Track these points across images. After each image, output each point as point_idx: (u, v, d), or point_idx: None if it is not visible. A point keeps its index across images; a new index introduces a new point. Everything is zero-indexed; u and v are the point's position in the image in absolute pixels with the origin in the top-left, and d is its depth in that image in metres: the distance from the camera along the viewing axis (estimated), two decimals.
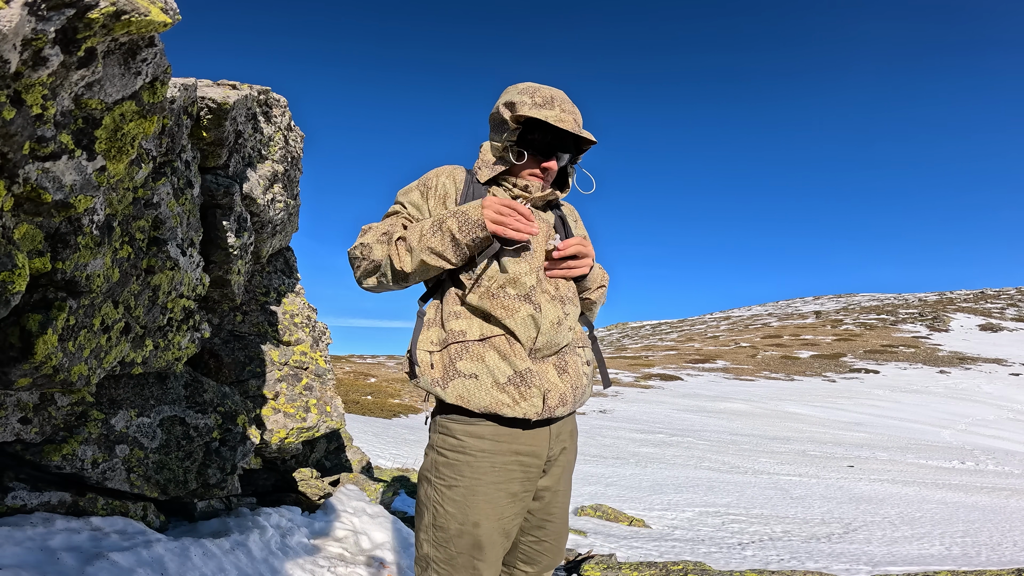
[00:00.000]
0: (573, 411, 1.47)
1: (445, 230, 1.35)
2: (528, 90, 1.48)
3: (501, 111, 1.51)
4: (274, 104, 2.85)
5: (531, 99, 1.45)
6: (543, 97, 1.46)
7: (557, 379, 1.39)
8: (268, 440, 2.83)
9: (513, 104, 1.47)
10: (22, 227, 1.15)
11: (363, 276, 1.46)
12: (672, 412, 15.71)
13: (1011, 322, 47.50)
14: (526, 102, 1.45)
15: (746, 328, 54.36)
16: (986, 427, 15.96)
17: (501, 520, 1.31)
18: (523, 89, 1.49)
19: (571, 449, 1.51)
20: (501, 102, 1.51)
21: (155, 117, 1.33)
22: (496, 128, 1.54)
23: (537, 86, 1.49)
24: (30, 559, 1.53)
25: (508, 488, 1.32)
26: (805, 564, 3.81)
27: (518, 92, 1.48)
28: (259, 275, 3.18)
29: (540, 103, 1.45)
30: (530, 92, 1.47)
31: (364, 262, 1.44)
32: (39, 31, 0.90)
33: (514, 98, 1.47)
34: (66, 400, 1.72)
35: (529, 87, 1.49)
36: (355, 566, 2.60)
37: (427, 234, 1.37)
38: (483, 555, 1.29)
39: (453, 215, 1.36)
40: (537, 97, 1.46)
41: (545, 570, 1.52)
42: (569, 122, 1.44)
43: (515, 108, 1.46)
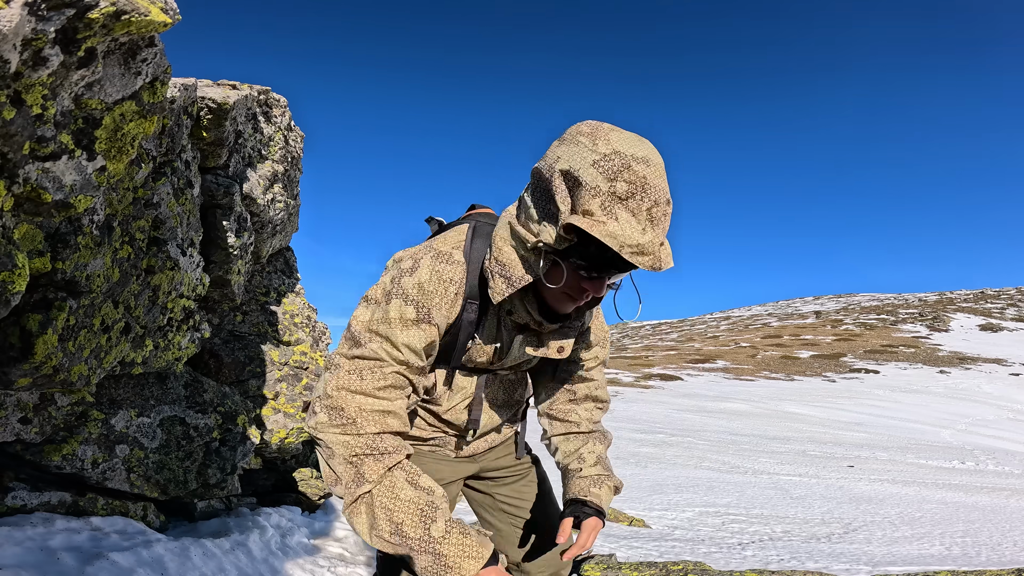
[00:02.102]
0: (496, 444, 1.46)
1: (416, 557, 0.99)
2: (612, 165, 0.95)
3: (555, 185, 1.00)
4: (274, 104, 2.85)
5: (609, 186, 0.95)
6: (630, 185, 0.95)
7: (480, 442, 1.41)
8: (268, 440, 2.83)
9: (579, 185, 0.97)
10: (22, 227, 1.15)
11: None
12: (672, 412, 15.71)
13: (1011, 322, 47.50)
14: (600, 190, 0.95)
15: (746, 328, 54.37)
16: (986, 427, 15.96)
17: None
18: (605, 159, 0.96)
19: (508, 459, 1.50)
20: (561, 164, 0.99)
21: (155, 117, 1.33)
22: (539, 201, 1.04)
23: (628, 155, 0.96)
24: (30, 559, 1.53)
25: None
26: (805, 564, 3.81)
27: (594, 162, 0.96)
28: (259, 275, 3.18)
29: (622, 195, 0.95)
30: (613, 171, 0.95)
31: (320, 452, 1.09)
32: (39, 31, 0.90)
33: (584, 173, 0.96)
34: (66, 400, 1.72)
35: (616, 157, 0.95)
36: (355, 566, 2.60)
37: (391, 535, 0.99)
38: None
39: (434, 556, 0.98)
40: (621, 184, 0.95)
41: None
42: (655, 252, 0.97)
43: (578, 195, 0.97)
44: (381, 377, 1.05)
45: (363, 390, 1.04)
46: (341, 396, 1.04)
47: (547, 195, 1.02)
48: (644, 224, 0.96)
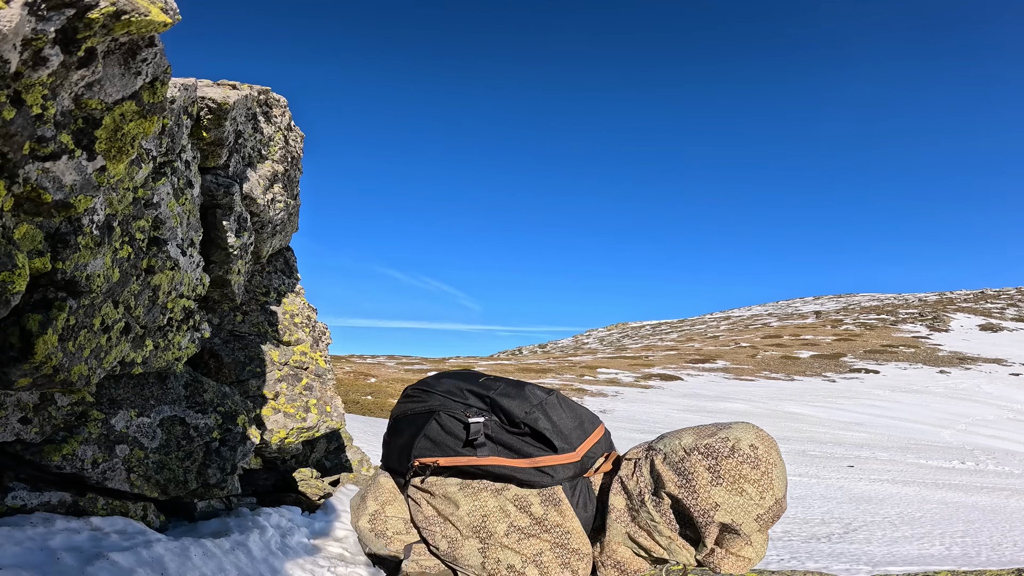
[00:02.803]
0: None
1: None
2: (773, 514, 1.05)
3: (708, 531, 1.06)
4: (274, 104, 2.85)
5: (758, 524, 1.03)
6: (774, 518, 1.08)
7: None
8: (268, 440, 2.83)
9: (737, 533, 1.04)
10: (22, 227, 1.15)
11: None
12: (672, 412, 15.71)
13: (1011, 322, 47.50)
14: (750, 535, 1.04)
15: (746, 328, 54.36)
16: (986, 427, 15.96)
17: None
18: (770, 511, 1.05)
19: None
20: (721, 516, 1.04)
21: (155, 117, 1.33)
22: (678, 522, 1.08)
23: (782, 494, 1.06)
24: (30, 559, 1.53)
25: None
26: (805, 564, 3.81)
27: (758, 516, 1.03)
28: (259, 275, 3.18)
29: (765, 524, 1.06)
30: (770, 517, 1.04)
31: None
32: (39, 31, 0.90)
33: (745, 526, 1.03)
34: (66, 400, 1.72)
35: (777, 507, 1.06)
36: (355, 566, 2.60)
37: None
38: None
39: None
40: (768, 519, 1.07)
41: None
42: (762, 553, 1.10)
43: (728, 539, 1.05)
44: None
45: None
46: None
47: (692, 526, 1.06)
48: (766, 533, 1.05)
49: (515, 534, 1.15)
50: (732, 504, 1.01)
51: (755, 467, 1.01)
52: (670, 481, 1.04)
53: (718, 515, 1.01)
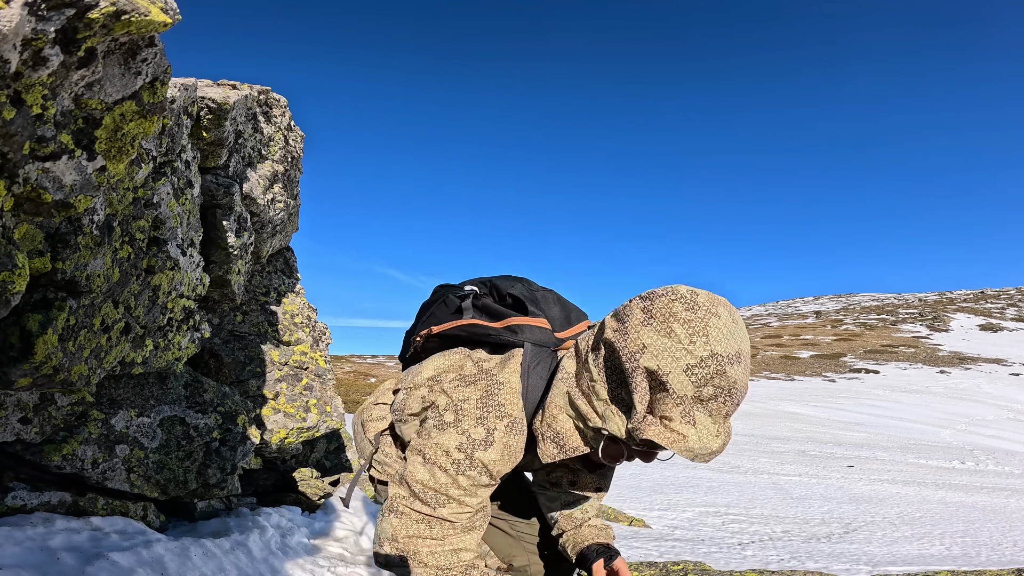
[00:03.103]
0: None
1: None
2: (706, 372, 0.88)
3: (635, 380, 0.93)
4: (274, 104, 2.85)
5: (695, 391, 0.88)
6: (716, 389, 0.89)
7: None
8: (268, 440, 2.83)
9: (663, 388, 0.90)
10: (22, 227, 1.15)
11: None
12: None
13: (1011, 322, 47.50)
14: (684, 398, 0.89)
15: (746, 328, 54.37)
16: (986, 427, 15.96)
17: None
18: (700, 366, 0.88)
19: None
20: (648, 361, 0.91)
21: (155, 117, 1.33)
22: (611, 382, 0.98)
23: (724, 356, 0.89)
24: (30, 559, 1.53)
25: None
26: (805, 564, 3.81)
27: (686, 368, 0.89)
28: (259, 275, 3.18)
29: (705, 398, 0.89)
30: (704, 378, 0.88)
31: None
32: (39, 31, 0.90)
33: (672, 380, 0.89)
34: (66, 400, 1.72)
35: (712, 362, 0.88)
36: (355, 566, 2.60)
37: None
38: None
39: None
40: (708, 388, 0.88)
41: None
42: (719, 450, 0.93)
43: (658, 399, 0.91)
44: (452, 528, 1.08)
45: (433, 537, 1.08)
46: (414, 543, 1.08)
47: (622, 383, 0.95)
48: (720, 425, 0.91)
49: (457, 381, 1.12)
50: (659, 346, 0.89)
51: (689, 308, 0.90)
52: (609, 327, 0.97)
53: (643, 358, 0.89)
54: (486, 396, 1.09)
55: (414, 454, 1.12)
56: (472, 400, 1.09)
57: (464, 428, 1.07)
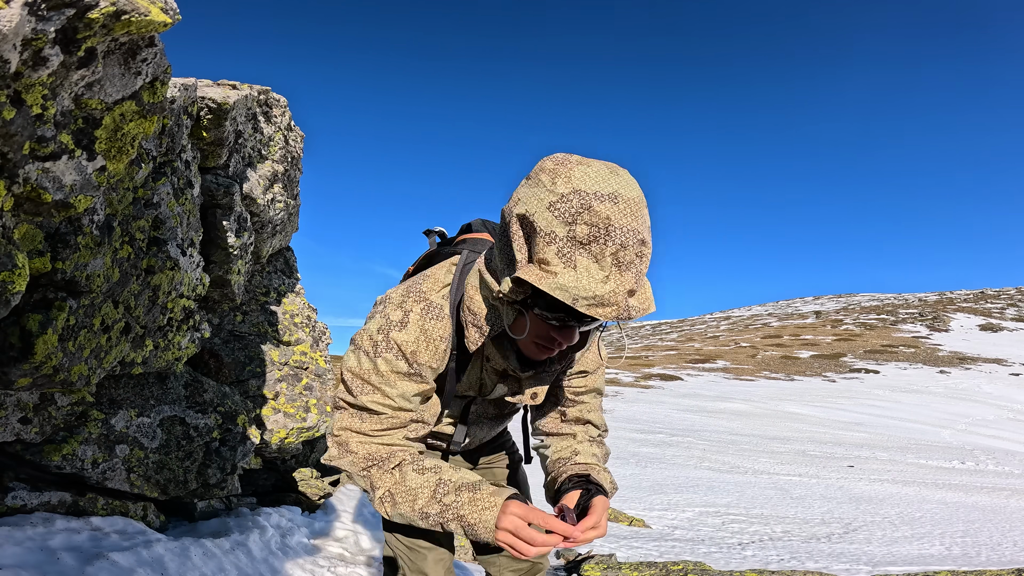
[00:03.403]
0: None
1: (446, 527, 1.05)
2: (570, 208, 0.86)
3: (512, 230, 0.93)
4: (274, 104, 2.85)
5: (567, 230, 0.86)
6: (591, 227, 0.85)
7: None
8: (268, 440, 2.83)
9: (533, 230, 0.89)
10: (22, 227, 1.15)
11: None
12: (672, 412, 15.71)
13: (1011, 322, 47.50)
14: (556, 236, 0.87)
15: (746, 328, 54.37)
16: (986, 427, 15.95)
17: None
18: (562, 201, 0.86)
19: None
20: (518, 208, 0.91)
21: (155, 117, 1.33)
22: (503, 247, 0.97)
23: (591, 193, 0.85)
24: (30, 559, 1.53)
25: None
26: (805, 564, 3.81)
27: (550, 204, 0.87)
28: (259, 275, 3.18)
29: (583, 239, 0.86)
30: (571, 213, 0.86)
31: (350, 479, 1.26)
32: (39, 31, 0.90)
33: (539, 218, 0.88)
34: (66, 400, 1.72)
35: (575, 198, 0.86)
36: (355, 566, 2.60)
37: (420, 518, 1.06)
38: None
39: (457, 521, 1.01)
40: (581, 227, 0.85)
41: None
42: (617, 302, 0.87)
43: (534, 242, 0.89)
44: (378, 421, 1.11)
45: (363, 430, 1.11)
46: (346, 435, 1.12)
47: (507, 241, 0.95)
48: (609, 271, 0.86)
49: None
50: (528, 195, 0.90)
51: (559, 162, 0.90)
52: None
53: (516, 208, 0.91)
54: (411, 286, 1.15)
55: (349, 344, 1.18)
56: (399, 290, 1.15)
57: (386, 312, 1.12)
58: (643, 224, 0.89)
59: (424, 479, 1.05)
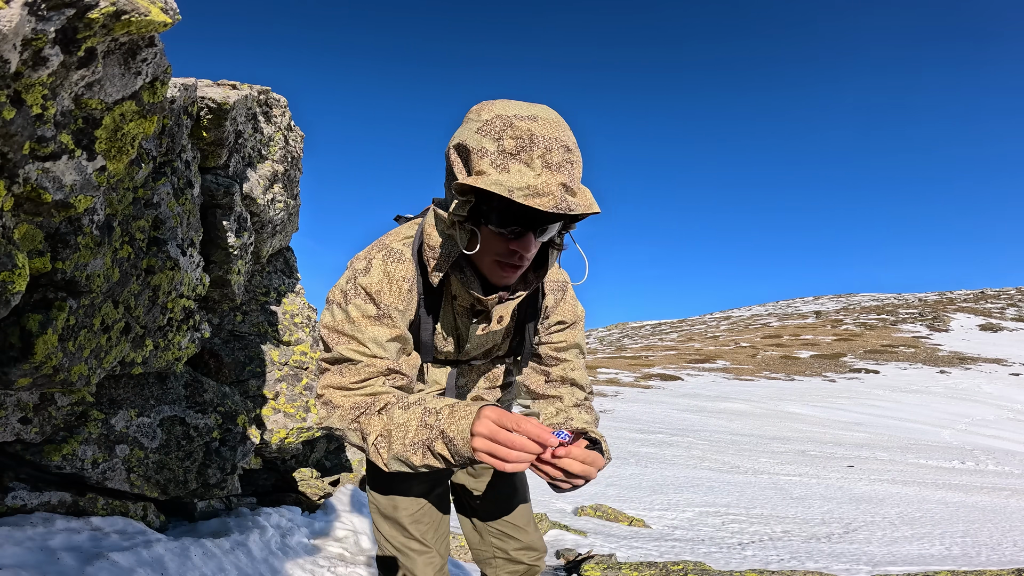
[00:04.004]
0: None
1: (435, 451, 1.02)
2: (494, 127, 0.99)
3: (451, 160, 1.05)
4: (274, 104, 2.85)
5: (496, 145, 0.98)
6: (516, 140, 0.97)
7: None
8: (268, 440, 2.83)
9: (468, 152, 1.01)
10: (22, 227, 1.15)
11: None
12: (672, 412, 15.71)
13: (1011, 322, 47.50)
14: (487, 150, 0.99)
15: (746, 328, 54.36)
16: (986, 427, 15.96)
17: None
18: (487, 124, 1.00)
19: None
20: (453, 142, 1.06)
21: (155, 117, 1.33)
22: (447, 180, 1.10)
23: (511, 115, 0.99)
24: (30, 559, 1.53)
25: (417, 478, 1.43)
26: (805, 564, 3.82)
27: (478, 128, 1.00)
28: (259, 275, 3.18)
29: (511, 151, 0.97)
30: (496, 131, 0.98)
31: (338, 436, 1.19)
32: (39, 31, 0.90)
33: (470, 140, 1.01)
34: (66, 400, 1.72)
35: (497, 120, 0.99)
36: (355, 566, 2.60)
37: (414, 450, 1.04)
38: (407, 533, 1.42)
39: (442, 440, 1.00)
40: (507, 141, 0.98)
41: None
42: (552, 192, 0.95)
43: (470, 161, 1.01)
44: (357, 372, 1.13)
45: (343, 385, 1.13)
46: (329, 392, 1.15)
47: (448, 171, 1.08)
48: (539, 170, 0.97)
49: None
50: (460, 131, 1.05)
51: (480, 104, 1.06)
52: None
53: (452, 142, 1.06)
54: (377, 241, 1.23)
55: (324, 307, 1.23)
56: (363, 252, 1.22)
57: (352, 265, 1.19)
58: (566, 135, 1.01)
59: (411, 412, 1.06)
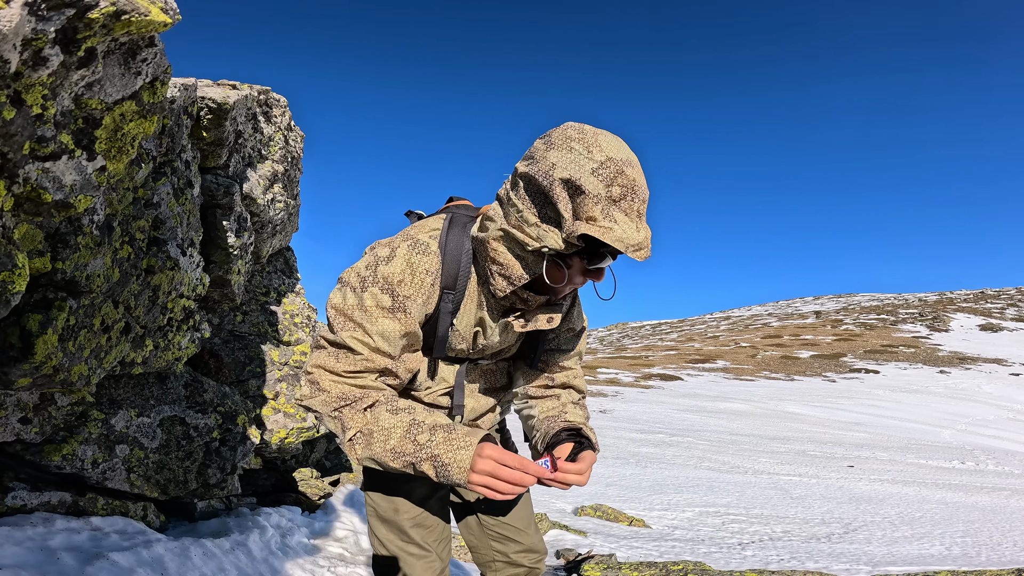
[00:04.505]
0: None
1: (419, 467, 1.03)
2: (608, 171, 1.01)
3: (556, 193, 1.03)
4: (274, 104, 2.85)
5: (607, 191, 1.01)
6: (622, 188, 1.01)
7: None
8: (268, 440, 2.83)
9: (581, 193, 1.01)
10: (22, 227, 1.15)
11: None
12: (672, 412, 15.71)
13: (1011, 322, 47.49)
14: (600, 196, 1.01)
15: (746, 328, 54.35)
16: (986, 427, 15.95)
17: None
18: (602, 167, 1.01)
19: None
20: (561, 174, 1.02)
21: (155, 117, 1.33)
22: (537, 205, 1.07)
23: (620, 160, 1.02)
24: (30, 559, 1.53)
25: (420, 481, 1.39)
26: (805, 564, 3.81)
27: (593, 170, 1.01)
28: (259, 275, 3.18)
29: (616, 197, 1.01)
30: (609, 176, 1.00)
31: (314, 416, 1.19)
32: (39, 31, 0.90)
33: (585, 182, 1.00)
34: (66, 400, 1.72)
35: (611, 164, 1.01)
36: (355, 566, 2.60)
37: (392, 458, 1.05)
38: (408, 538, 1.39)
39: (431, 461, 1.01)
40: (615, 188, 1.01)
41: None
42: (648, 245, 1.03)
43: (582, 203, 1.01)
44: (353, 363, 1.11)
45: (336, 370, 1.11)
46: (319, 373, 1.12)
47: (545, 200, 1.05)
48: (636, 222, 1.03)
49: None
50: (566, 160, 1.02)
51: (579, 131, 1.04)
52: (520, 164, 1.09)
53: (556, 172, 1.02)
54: (402, 231, 1.21)
55: (336, 284, 1.20)
56: (386, 240, 1.20)
57: (375, 251, 1.16)
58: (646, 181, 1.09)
59: (398, 419, 1.06)
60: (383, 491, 1.40)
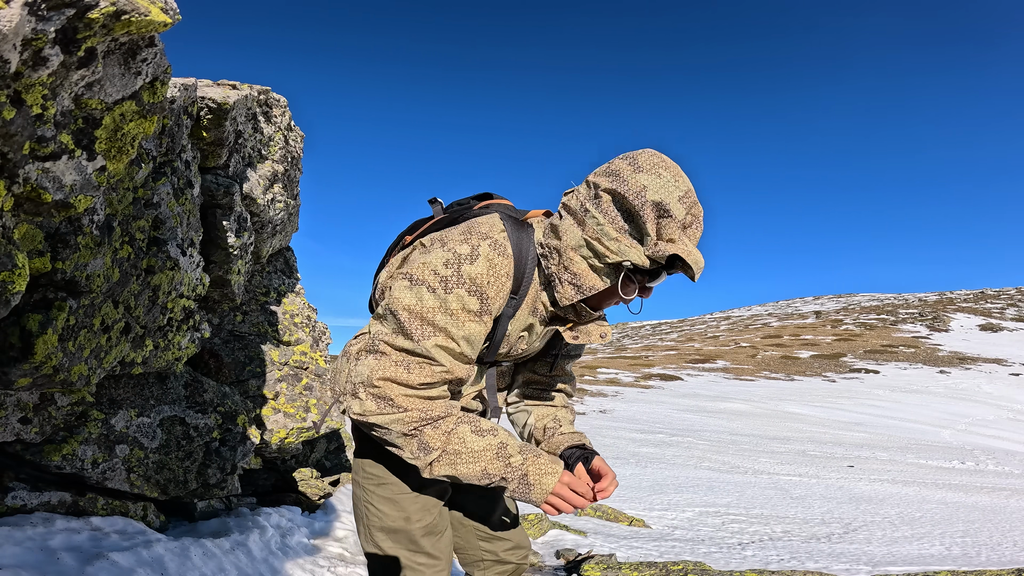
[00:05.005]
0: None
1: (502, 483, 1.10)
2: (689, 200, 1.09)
3: (644, 213, 1.07)
4: (274, 104, 2.85)
5: (684, 217, 1.08)
6: (693, 217, 1.10)
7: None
8: (268, 440, 2.83)
9: (668, 215, 1.07)
10: (22, 227, 1.15)
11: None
12: (672, 412, 15.71)
13: (1011, 322, 47.48)
14: (680, 222, 1.08)
15: (746, 328, 54.35)
16: (986, 427, 15.95)
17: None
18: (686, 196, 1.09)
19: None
20: (651, 195, 1.07)
21: (155, 117, 1.33)
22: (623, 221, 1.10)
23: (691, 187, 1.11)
24: (30, 559, 1.53)
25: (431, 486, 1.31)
26: (805, 564, 3.81)
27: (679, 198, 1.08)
28: (259, 275, 3.18)
29: (686, 224, 1.09)
30: (688, 205, 1.09)
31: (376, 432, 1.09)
32: (39, 31, 0.90)
33: (673, 207, 1.07)
34: (66, 400, 1.72)
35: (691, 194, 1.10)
36: (355, 566, 2.60)
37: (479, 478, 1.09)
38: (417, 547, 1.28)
39: (520, 480, 1.09)
40: (689, 216, 1.09)
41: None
42: (703, 266, 1.11)
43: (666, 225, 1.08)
44: (430, 375, 1.05)
45: (408, 383, 1.04)
46: (387, 387, 1.03)
47: (630, 218, 1.09)
48: (693, 243, 1.11)
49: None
50: (656, 184, 1.07)
51: (663, 160, 1.11)
52: (603, 180, 1.10)
53: (648, 194, 1.07)
54: (469, 226, 1.16)
55: (399, 280, 1.08)
56: (456, 230, 1.15)
57: (450, 247, 1.08)
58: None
59: (486, 441, 1.08)
60: (392, 502, 1.28)
